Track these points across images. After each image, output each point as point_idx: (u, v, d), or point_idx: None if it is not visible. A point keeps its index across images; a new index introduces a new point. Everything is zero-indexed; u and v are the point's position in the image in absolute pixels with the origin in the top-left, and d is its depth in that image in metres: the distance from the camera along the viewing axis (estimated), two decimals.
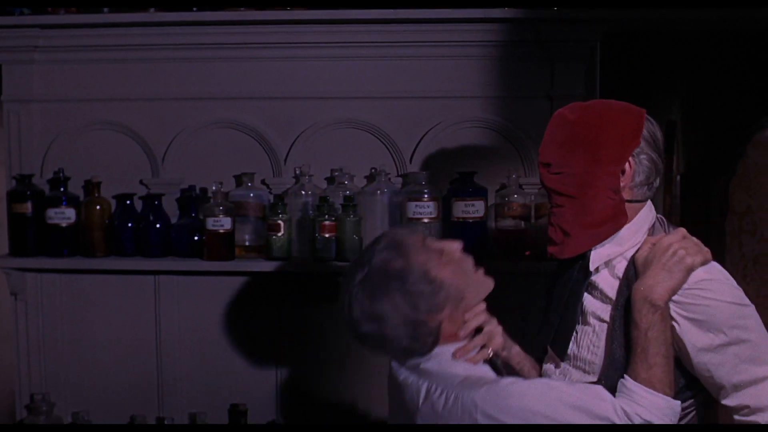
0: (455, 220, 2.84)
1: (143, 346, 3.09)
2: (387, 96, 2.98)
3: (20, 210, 2.99)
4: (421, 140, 2.98)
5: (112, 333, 3.10)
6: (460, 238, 2.80)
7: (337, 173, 2.96)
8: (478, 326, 1.96)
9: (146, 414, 3.05)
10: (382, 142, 2.99)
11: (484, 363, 1.95)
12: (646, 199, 1.98)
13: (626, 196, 1.94)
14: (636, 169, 1.92)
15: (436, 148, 2.98)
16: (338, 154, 3.00)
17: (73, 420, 3.04)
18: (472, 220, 2.83)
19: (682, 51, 3.40)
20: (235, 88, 3.02)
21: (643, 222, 1.97)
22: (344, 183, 2.94)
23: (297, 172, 2.98)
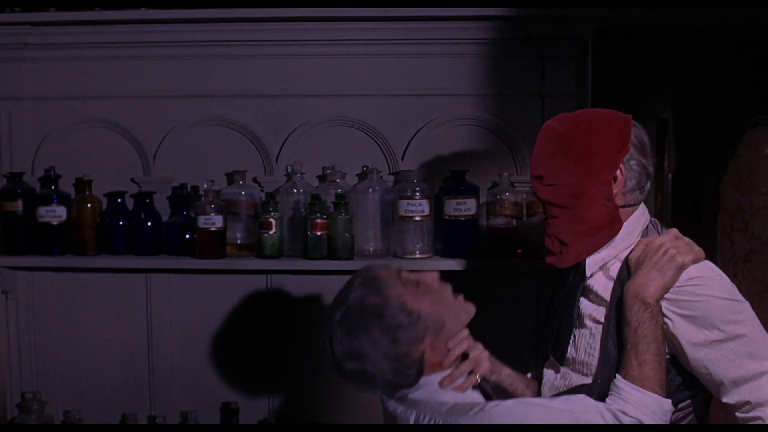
0: (447, 218, 2.84)
1: (135, 345, 3.08)
2: (379, 94, 2.98)
3: (11, 208, 2.97)
4: (413, 138, 2.98)
5: (103, 331, 3.09)
6: (451, 236, 2.85)
7: (328, 171, 2.96)
8: (464, 353, 1.97)
9: (138, 412, 3.04)
10: (374, 140, 2.99)
11: (474, 389, 1.96)
12: (639, 203, 2.01)
13: (619, 201, 1.97)
14: (627, 175, 1.96)
15: (428, 146, 2.98)
16: (330, 152, 3.00)
17: (64, 418, 3.03)
18: (463, 218, 2.83)
19: (674, 50, 3.41)
20: (227, 86, 3.02)
21: (636, 224, 1.99)
22: (336, 181, 2.94)
23: (289, 170, 2.98)
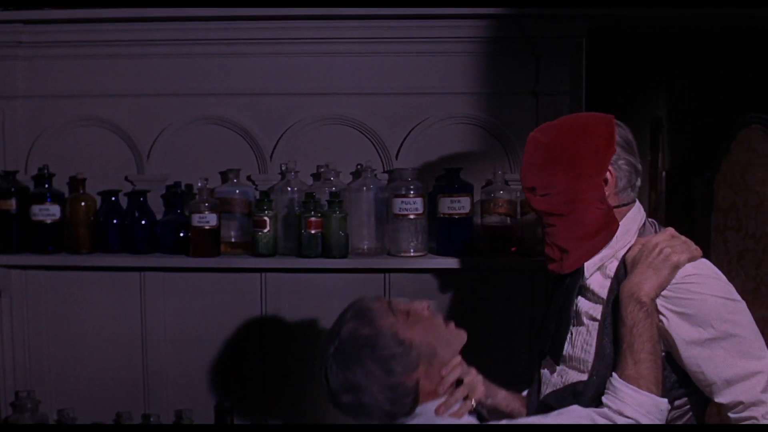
0: (441, 216, 2.85)
1: (129, 343, 3.07)
2: (373, 92, 2.98)
3: (4, 207, 2.97)
4: (407, 136, 2.98)
5: (97, 330, 3.08)
6: (445, 235, 2.85)
7: (323, 169, 2.96)
8: (458, 379, 1.98)
9: (132, 411, 3.04)
10: (369, 139, 2.99)
11: (470, 414, 1.97)
12: (633, 201, 2.02)
13: (613, 202, 1.98)
14: (617, 176, 1.97)
15: (423, 144, 2.98)
16: (324, 150, 3.00)
17: (58, 417, 3.03)
18: (458, 217, 2.83)
19: (668, 48, 3.41)
20: (221, 84, 3.01)
21: (632, 222, 2.01)
22: (330, 179, 2.94)
23: (283, 168, 2.98)
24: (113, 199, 3.00)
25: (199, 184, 2.90)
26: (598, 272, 2.00)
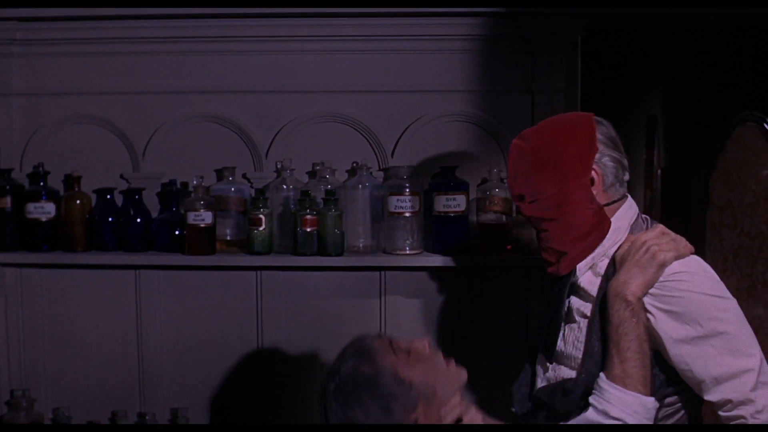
0: (437, 214, 2.85)
1: (124, 341, 3.07)
2: (369, 90, 2.98)
3: None
4: (402, 134, 2.98)
5: (93, 328, 3.08)
6: (441, 232, 2.85)
7: (318, 167, 2.96)
8: (458, 418, 1.95)
9: (128, 409, 3.03)
10: (364, 136, 2.99)
11: None
12: (623, 196, 2.02)
13: (602, 200, 1.99)
14: (603, 173, 1.98)
15: (418, 142, 2.98)
16: (320, 148, 3.00)
17: (54, 416, 3.02)
18: (453, 214, 2.83)
19: (663, 46, 3.42)
20: (217, 82, 3.01)
21: (622, 219, 2.01)
22: (326, 177, 2.93)
23: (278, 166, 2.98)
24: (108, 197, 2.99)
25: (195, 182, 2.90)
26: (589, 271, 2.01)
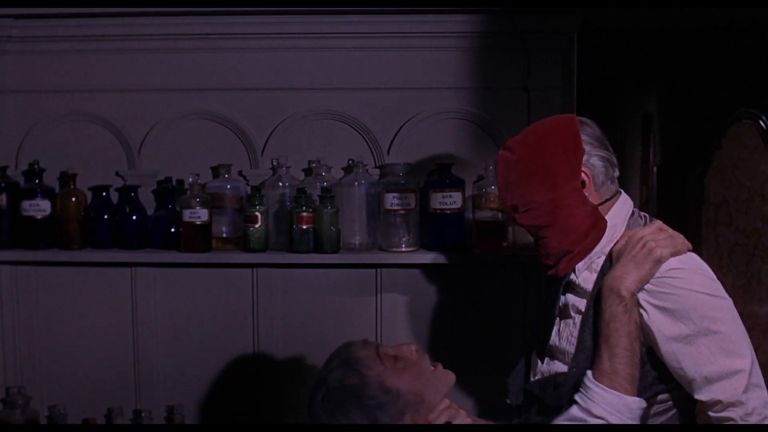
0: (433, 211, 2.85)
1: (120, 339, 3.07)
2: (365, 87, 2.98)
3: None
4: (398, 131, 2.98)
5: (88, 325, 3.07)
6: (437, 230, 2.85)
7: (314, 165, 2.96)
8: (447, 422, 1.96)
9: (123, 407, 3.03)
10: (360, 134, 2.99)
11: None
12: (616, 193, 2.02)
13: (596, 200, 1.99)
14: (593, 174, 1.98)
15: (414, 139, 2.98)
16: (316, 145, 3.00)
17: (49, 413, 3.02)
18: (449, 212, 2.83)
19: (659, 44, 3.42)
20: (212, 79, 3.00)
21: (617, 216, 2.01)
22: (322, 174, 2.93)
23: (274, 163, 2.97)
24: (104, 194, 2.99)
25: (191, 180, 2.89)
26: (585, 269, 2.00)
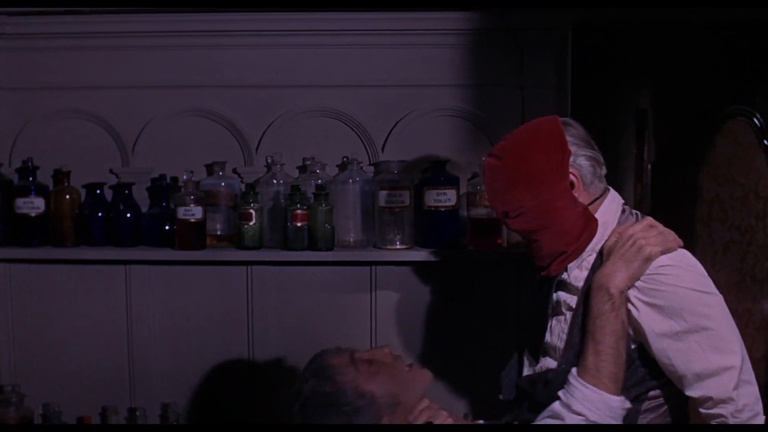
0: (427, 209, 2.85)
1: (114, 337, 3.06)
2: (359, 84, 2.98)
3: None
4: (393, 129, 2.98)
5: (82, 323, 3.07)
6: (431, 227, 2.85)
7: (308, 162, 2.96)
8: (428, 422, 1.96)
9: (118, 404, 3.03)
10: (354, 131, 2.99)
11: None
12: (605, 191, 2.02)
13: (585, 200, 1.99)
14: (581, 174, 1.98)
15: (409, 136, 2.98)
16: (310, 142, 3.00)
17: (43, 411, 3.02)
18: (444, 209, 2.83)
19: (653, 40, 3.42)
20: (206, 77, 3.00)
21: (607, 213, 2.02)
22: (316, 172, 2.93)
23: (268, 160, 2.97)
24: (98, 191, 2.98)
25: (185, 177, 2.89)
26: (577, 267, 2.01)
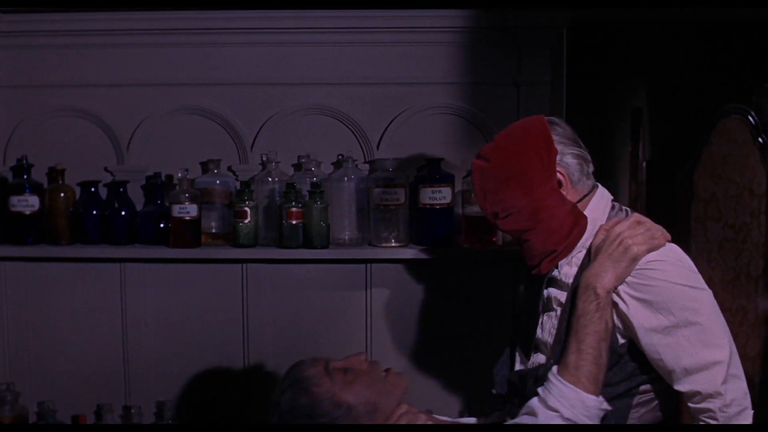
0: (422, 206, 2.85)
1: (109, 335, 3.06)
2: (354, 82, 2.98)
3: None
4: (388, 126, 2.98)
5: (77, 321, 3.07)
6: (427, 225, 2.85)
7: (304, 160, 2.96)
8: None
9: (113, 403, 3.02)
10: (350, 129, 2.99)
11: None
12: (593, 188, 2.03)
13: (574, 198, 2.00)
14: (568, 172, 1.99)
15: (404, 134, 2.98)
16: (305, 140, 3.00)
17: (38, 409, 3.01)
18: (439, 207, 2.83)
19: (648, 39, 3.42)
20: (201, 74, 3.00)
21: (596, 210, 2.02)
22: (311, 169, 2.93)
23: (264, 158, 2.97)
24: (93, 189, 2.98)
25: (180, 175, 2.89)
26: (566, 264, 2.02)
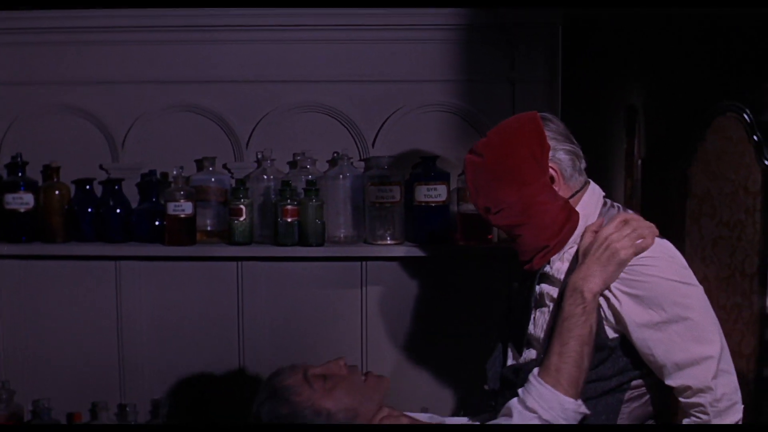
0: (418, 204, 2.85)
1: (104, 333, 3.06)
2: (349, 80, 2.98)
3: None
4: (383, 124, 2.98)
5: (72, 320, 3.06)
6: (422, 223, 2.86)
7: (299, 157, 2.96)
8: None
9: (108, 401, 3.02)
10: (345, 126, 2.99)
11: None
12: (585, 184, 2.04)
13: (566, 194, 2.01)
14: (560, 168, 2.00)
15: (399, 132, 2.98)
16: (300, 138, 2.99)
17: (33, 408, 3.01)
18: (434, 204, 2.84)
19: (643, 36, 3.42)
20: (196, 72, 2.99)
21: (588, 205, 2.04)
22: (306, 167, 2.93)
23: (259, 156, 2.97)
24: (87, 187, 2.98)
25: (175, 173, 2.88)
26: (558, 259, 2.03)
